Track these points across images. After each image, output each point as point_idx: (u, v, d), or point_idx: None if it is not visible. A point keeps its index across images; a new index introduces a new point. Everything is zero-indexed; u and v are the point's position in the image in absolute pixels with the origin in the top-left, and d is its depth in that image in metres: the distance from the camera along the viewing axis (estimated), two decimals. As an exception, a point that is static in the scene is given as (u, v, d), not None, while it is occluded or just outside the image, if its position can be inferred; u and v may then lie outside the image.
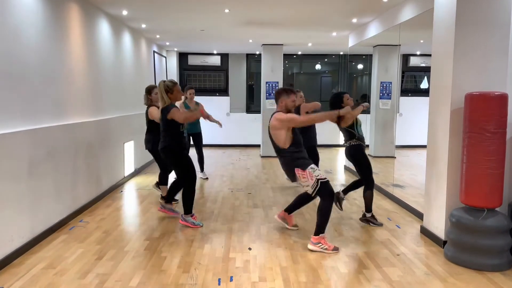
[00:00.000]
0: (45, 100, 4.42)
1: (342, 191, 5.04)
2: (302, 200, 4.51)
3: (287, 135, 4.08)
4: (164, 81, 4.59)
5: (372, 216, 4.82)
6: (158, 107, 4.90)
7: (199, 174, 7.25)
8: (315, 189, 4.01)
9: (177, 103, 4.83)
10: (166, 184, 5.59)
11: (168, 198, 4.96)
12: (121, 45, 7.19)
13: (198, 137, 7.19)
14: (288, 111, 4.18)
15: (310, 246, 4.01)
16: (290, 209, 4.59)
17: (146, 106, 5.47)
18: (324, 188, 4.00)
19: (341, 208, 4.94)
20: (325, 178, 4.04)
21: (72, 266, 3.62)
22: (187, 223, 4.65)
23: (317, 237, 4.01)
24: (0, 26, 3.65)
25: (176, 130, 4.58)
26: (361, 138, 4.80)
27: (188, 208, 4.69)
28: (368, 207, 4.81)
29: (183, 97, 7.18)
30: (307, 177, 4.01)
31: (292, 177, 4.16)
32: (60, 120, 4.71)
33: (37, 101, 4.26)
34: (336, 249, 3.98)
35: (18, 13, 3.94)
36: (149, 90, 5.42)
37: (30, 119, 4.10)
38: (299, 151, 4.15)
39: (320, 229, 4.03)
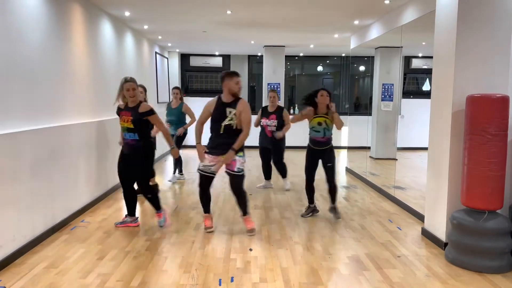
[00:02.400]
0: (47, 101, 4.43)
1: (331, 202, 5.12)
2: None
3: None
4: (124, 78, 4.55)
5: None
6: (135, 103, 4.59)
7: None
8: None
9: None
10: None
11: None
12: (123, 46, 7.21)
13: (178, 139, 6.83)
14: (233, 94, 4.36)
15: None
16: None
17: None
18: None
19: (338, 217, 5.05)
20: (200, 169, 4.41)
21: (74, 266, 3.63)
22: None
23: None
24: (4, 27, 3.67)
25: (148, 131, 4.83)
26: (310, 139, 5.01)
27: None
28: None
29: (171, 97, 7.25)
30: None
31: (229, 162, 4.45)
32: (62, 121, 4.73)
33: (40, 101, 4.28)
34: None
35: (21, 14, 3.96)
36: None
37: (33, 119, 4.12)
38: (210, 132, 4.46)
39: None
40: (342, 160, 9.81)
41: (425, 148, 4.57)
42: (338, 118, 4.87)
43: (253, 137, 12.14)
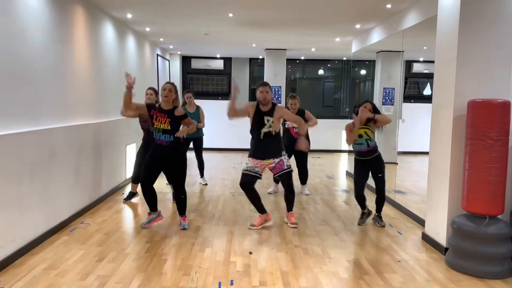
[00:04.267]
0: (48, 102, 4.44)
1: (376, 211, 5.07)
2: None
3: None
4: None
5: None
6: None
7: (198, 180, 7.25)
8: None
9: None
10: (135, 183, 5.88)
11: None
12: (125, 48, 7.22)
13: (198, 142, 6.93)
14: (260, 102, 4.73)
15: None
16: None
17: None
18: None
19: (383, 224, 4.96)
20: (245, 170, 4.72)
21: (73, 267, 3.62)
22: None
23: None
24: (7, 29, 3.67)
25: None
26: (355, 152, 4.95)
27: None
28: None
29: (180, 101, 7.13)
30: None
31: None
32: (63, 122, 4.73)
33: (41, 102, 4.28)
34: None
35: (24, 16, 3.96)
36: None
37: (34, 120, 4.12)
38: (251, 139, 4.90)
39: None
40: (342, 163, 9.81)
41: (426, 153, 4.57)
42: (382, 118, 4.82)
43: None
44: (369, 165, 4.87)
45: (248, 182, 4.74)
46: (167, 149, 4.56)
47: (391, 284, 3.42)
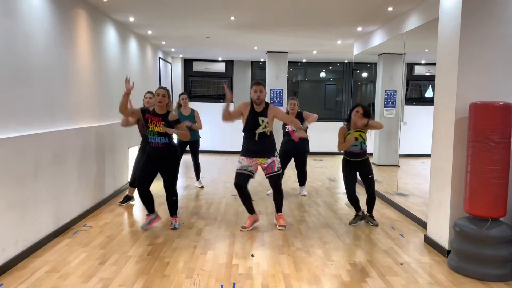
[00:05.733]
0: (51, 105, 4.45)
1: (367, 211, 5.17)
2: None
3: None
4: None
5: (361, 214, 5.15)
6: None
7: (194, 183, 7.25)
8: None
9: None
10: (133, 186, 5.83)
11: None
12: (127, 51, 7.24)
13: (194, 144, 6.88)
14: (254, 101, 4.71)
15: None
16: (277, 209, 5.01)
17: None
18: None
19: (375, 223, 5.07)
20: (239, 169, 4.72)
21: (76, 270, 3.63)
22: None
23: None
24: (10, 31, 3.70)
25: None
26: (346, 153, 5.01)
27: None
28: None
29: (175, 104, 7.11)
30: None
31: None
32: (66, 125, 4.74)
33: (44, 105, 4.30)
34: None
35: (27, 19, 3.99)
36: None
37: (37, 123, 4.13)
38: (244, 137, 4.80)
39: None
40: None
41: (428, 155, 4.56)
42: (376, 124, 5.03)
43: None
44: (358, 167, 5.01)
45: (243, 181, 4.76)
46: (161, 150, 4.66)
47: (393, 287, 3.42)
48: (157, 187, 5.10)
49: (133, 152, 7.21)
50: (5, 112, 3.62)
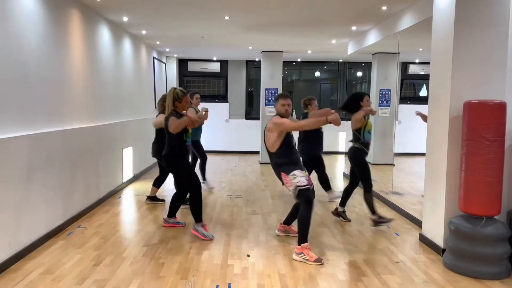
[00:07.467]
0: (44, 105, 4.42)
1: (339, 205, 5.21)
2: (297, 208, 4.42)
3: (277, 139, 4.09)
4: (175, 89, 4.59)
5: (379, 216, 4.88)
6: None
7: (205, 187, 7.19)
8: (295, 196, 4.06)
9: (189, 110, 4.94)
10: (158, 187, 5.91)
11: (170, 212, 4.92)
12: (121, 51, 7.21)
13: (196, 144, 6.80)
14: (281, 115, 4.19)
15: (294, 256, 3.95)
16: (288, 221, 4.61)
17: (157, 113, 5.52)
18: (301, 195, 4.00)
19: (348, 219, 5.13)
20: (305, 185, 3.99)
21: (70, 272, 3.60)
22: (197, 232, 4.49)
23: (299, 247, 3.95)
24: (2, 32, 3.66)
25: (178, 138, 4.50)
26: (365, 144, 4.97)
27: (196, 216, 4.54)
28: (371, 209, 4.87)
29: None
30: (288, 182, 4.05)
31: (280, 180, 4.21)
32: (59, 126, 4.71)
33: (37, 106, 4.26)
34: (318, 260, 3.84)
35: (19, 19, 3.95)
36: (165, 98, 5.25)
37: (29, 124, 4.10)
38: (286, 155, 4.12)
39: (301, 238, 3.96)
40: (340, 165, 9.82)
41: (423, 154, 4.57)
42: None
43: (252, 142, 12.05)
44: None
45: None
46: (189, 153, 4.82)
47: (388, 286, 3.42)
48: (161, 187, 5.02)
49: (127, 153, 7.19)
50: (-2, 113, 3.59)
